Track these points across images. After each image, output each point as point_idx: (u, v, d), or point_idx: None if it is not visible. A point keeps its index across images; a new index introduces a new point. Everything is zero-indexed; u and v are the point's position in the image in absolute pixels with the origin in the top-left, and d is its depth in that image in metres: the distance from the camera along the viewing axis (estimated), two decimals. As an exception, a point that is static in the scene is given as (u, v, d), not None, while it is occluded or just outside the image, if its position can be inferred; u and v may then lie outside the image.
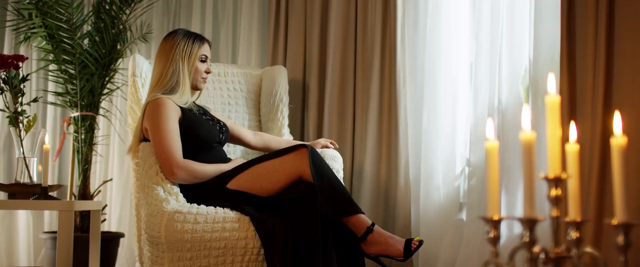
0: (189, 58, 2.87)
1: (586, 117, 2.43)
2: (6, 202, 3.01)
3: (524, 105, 1.39)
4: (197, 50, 2.89)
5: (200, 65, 2.91)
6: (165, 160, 2.70)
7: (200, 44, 2.91)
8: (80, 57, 3.75)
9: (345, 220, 2.63)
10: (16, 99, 3.13)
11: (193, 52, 2.88)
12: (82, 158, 3.79)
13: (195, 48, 2.89)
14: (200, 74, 2.92)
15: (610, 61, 2.37)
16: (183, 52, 2.86)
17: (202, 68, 2.92)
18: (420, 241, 2.61)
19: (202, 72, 2.92)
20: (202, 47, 2.92)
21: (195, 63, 2.89)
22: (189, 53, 2.87)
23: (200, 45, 2.91)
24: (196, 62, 2.89)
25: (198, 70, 2.91)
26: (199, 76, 2.92)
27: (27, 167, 3.08)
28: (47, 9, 3.74)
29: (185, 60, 2.87)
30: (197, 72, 2.91)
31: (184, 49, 2.87)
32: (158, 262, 2.62)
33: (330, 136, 3.57)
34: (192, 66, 2.89)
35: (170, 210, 2.60)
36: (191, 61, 2.88)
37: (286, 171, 2.72)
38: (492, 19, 3.03)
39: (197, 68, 2.90)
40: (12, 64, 3.07)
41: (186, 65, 2.87)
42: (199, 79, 2.92)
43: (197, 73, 2.91)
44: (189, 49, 2.88)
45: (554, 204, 1.43)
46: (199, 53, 2.90)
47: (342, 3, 3.61)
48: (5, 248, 4.34)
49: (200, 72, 2.92)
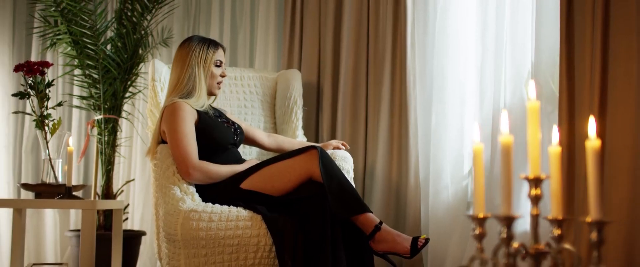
0: (205, 63, 2.99)
1: (583, 117, 2.51)
2: (32, 201, 3.15)
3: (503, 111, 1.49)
4: (212, 55, 3.01)
5: (216, 70, 3.03)
6: (182, 161, 2.82)
7: (214, 49, 3.03)
8: (103, 62, 3.89)
9: (354, 219, 2.70)
10: (42, 103, 3.26)
11: (208, 57, 3.00)
12: (105, 159, 3.93)
13: (210, 53, 3.01)
14: (215, 79, 3.03)
15: (606, 64, 2.45)
16: (198, 58, 2.99)
17: (217, 72, 3.03)
18: (426, 238, 2.68)
19: (217, 77, 3.04)
20: (216, 52, 3.03)
21: (210, 68, 3.01)
22: (204, 58, 2.99)
23: (214, 51, 3.03)
24: (211, 66, 3.01)
25: (213, 75, 3.02)
26: (215, 81, 3.03)
27: (52, 168, 3.22)
28: (72, 16, 3.88)
29: (200, 65, 2.99)
30: (212, 77, 3.02)
31: (199, 55, 2.99)
32: (175, 259, 2.74)
33: (343, 136, 3.67)
34: (207, 71, 3.00)
35: (186, 209, 2.71)
36: (207, 66, 3.00)
37: (297, 172, 2.81)
38: (497, 23, 3.12)
39: (213, 73, 3.02)
40: (38, 70, 3.22)
41: (202, 70, 2.99)
42: (214, 85, 3.04)
43: (213, 78, 3.03)
44: (204, 55, 3.00)
45: (534, 202, 1.53)
46: (214, 58, 3.02)
47: (355, 8, 3.71)
48: (34, 245, 4.50)
49: (215, 77, 3.03)
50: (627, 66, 2.38)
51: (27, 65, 3.22)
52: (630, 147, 2.35)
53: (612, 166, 2.41)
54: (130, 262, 3.85)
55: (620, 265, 2.31)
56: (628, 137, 2.35)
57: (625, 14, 2.39)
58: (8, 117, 4.59)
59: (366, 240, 2.71)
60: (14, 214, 3.30)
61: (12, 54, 4.65)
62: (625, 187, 2.35)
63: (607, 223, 1.43)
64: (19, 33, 4.70)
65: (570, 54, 2.62)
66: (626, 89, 2.38)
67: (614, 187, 2.39)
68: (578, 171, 2.52)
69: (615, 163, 2.40)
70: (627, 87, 2.38)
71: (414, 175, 3.43)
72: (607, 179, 2.40)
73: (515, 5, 3.07)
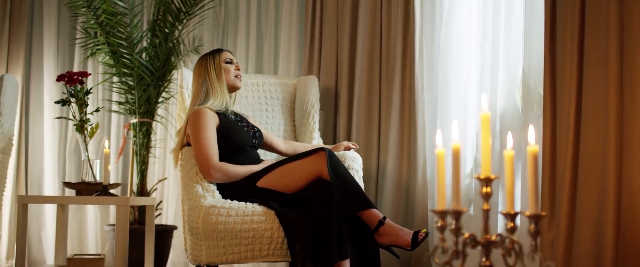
0: (215, 66, 3.28)
1: (563, 121, 2.72)
2: (73, 197, 3.44)
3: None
4: (219, 57, 3.31)
5: (228, 66, 3.31)
6: (204, 162, 3.06)
7: (219, 53, 3.33)
8: (137, 71, 4.16)
9: (359, 214, 2.87)
10: (81, 109, 3.53)
11: (216, 61, 3.30)
12: (140, 159, 4.20)
13: (216, 57, 3.31)
14: (230, 72, 3.31)
15: (581, 71, 2.64)
16: (209, 65, 3.28)
17: (231, 68, 3.32)
18: (426, 232, 2.83)
19: (232, 71, 3.31)
20: (222, 54, 3.33)
21: (221, 66, 3.29)
22: (213, 63, 3.29)
23: (220, 54, 3.33)
24: (222, 64, 3.29)
25: (227, 70, 3.30)
26: (231, 75, 3.30)
27: (91, 168, 3.49)
28: (110, 28, 4.16)
29: (211, 70, 3.27)
30: (227, 72, 3.30)
31: (208, 63, 3.29)
32: (197, 249, 2.97)
33: (358, 138, 3.92)
34: (219, 70, 3.27)
35: (207, 205, 2.95)
36: (217, 67, 3.28)
37: (307, 171, 3.01)
38: (493, 34, 3.37)
39: (226, 68, 3.30)
40: (77, 80, 3.51)
41: (214, 73, 3.26)
42: (231, 78, 3.31)
43: (228, 72, 3.30)
44: (212, 61, 3.30)
45: (485, 199, 1.77)
46: (222, 58, 3.31)
47: (369, 20, 3.97)
48: (77, 238, 4.75)
49: (229, 70, 3.31)
50: (598, 73, 2.58)
51: (67, 76, 3.49)
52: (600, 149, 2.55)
53: (584, 166, 2.60)
54: (162, 254, 4.10)
55: (590, 257, 2.52)
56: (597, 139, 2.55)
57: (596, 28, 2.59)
58: (53, 122, 4.81)
59: (371, 234, 2.87)
60: (58, 209, 3.61)
61: (57, 63, 4.88)
62: (596, 186, 2.55)
63: (542, 217, 1.66)
64: (63, 44, 4.92)
65: (552, 63, 2.82)
66: (596, 94, 2.59)
67: (586, 186, 2.58)
68: (559, 170, 2.73)
69: (587, 164, 2.59)
70: (597, 92, 2.58)
71: (422, 174, 3.67)
72: (581, 178, 2.60)
73: (509, 17, 3.31)
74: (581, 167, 2.60)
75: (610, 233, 2.39)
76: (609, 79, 2.46)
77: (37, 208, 4.70)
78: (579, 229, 2.54)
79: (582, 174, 2.58)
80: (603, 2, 2.52)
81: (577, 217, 2.58)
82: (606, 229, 2.41)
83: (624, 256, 2.39)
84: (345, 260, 2.79)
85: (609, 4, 2.48)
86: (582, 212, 2.55)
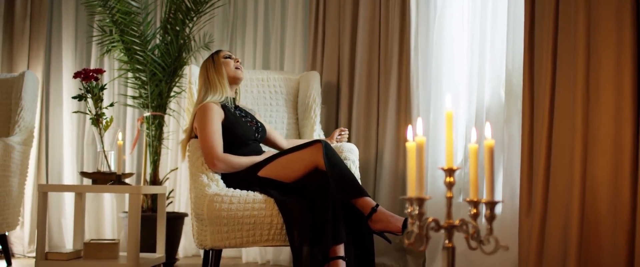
0: (214, 63, 3.48)
1: (539, 116, 2.89)
2: (89, 186, 3.61)
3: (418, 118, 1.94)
4: (217, 56, 3.50)
5: (227, 60, 3.49)
6: (208, 154, 3.22)
7: (217, 53, 3.52)
8: (150, 67, 4.32)
9: (353, 202, 2.98)
10: (97, 104, 3.71)
11: (215, 58, 3.49)
12: (152, 151, 4.36)
13: (215, 56, 3.51)
14: (230, 65, 3.49)
15: (554, 70, 2.80)
16: (209, 63, 3.48)
17: (230, 61, 3.50)
18: None
19: (231, 63, 3.49)
20: (220, 52, 3.52)
21: (221, 62, 3.47)
22: (213, 62, 3.48)
23: (218, 53, 3.52)
24: (222, 60, 3.48)
25: (227, 64, 3.48)
26: (231, 67, 3.48)
27: (106, 159, 3.67)
28: (124, 26, 4.32)
29: (211, 67, 3.47)
30: (227, 65, 3.48)
31: (209, 61, 3.50)
32: (203, 235, 3.11)
33: (358, 130, 4.09)
34: (219, 66, 3.46)
35: (211, 193, 3.08)
36: (217, 64, 3.47)
37: (305, 162, 3.14)
38: (481, 33, 3.55)
39: (226, 62, 3.48)
40: (92, 76, 3.71)
41: (213, 69, 3.45)
42: (232, 69, 3.48)
43: (228, 65, 3.48)
44: (212, 59, 3.50)
45: (448, 187, 1.96)
46: (221, 56, 3.50)
47: (368, 20, 4.15)
48: (95, 224, 4.94)
49: (229, 63, 3.49)
50: (568, 73, 2.75)
51: (84, 72, 3.68)
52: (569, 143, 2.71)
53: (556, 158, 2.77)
54: (174, 240, 4.27)
55: (559, 242, 2.70)
56: (568, 134, 2.72)
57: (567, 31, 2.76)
58: (71, 115, 4.97)
59: (365, 220, 2.98)
60: (76, 197, 3.81)
61: (75, 59, 5.05)
62: (564, 178, 2.72)
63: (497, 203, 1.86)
64: (81, 41, 5.08)
65: (531, 62, 2.98)
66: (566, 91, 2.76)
67: (557, 177, 2.76)
68: (535, 162, 2.90)
69: (558, 156, 2.76)
70: (567, 89, 2.74)
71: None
72: (552, 170, 2.77)
73: (495, 19, 3.49)
74: (553, 159, 2.74)
75: (575, 222, 2.53)
76: (576, 78, 2.63)
77: (57, 197, 4.87)
78: (551, 217, 2.71)
79: (554, 166, 2.73)
80: (573, 9, 2.69)
81: (549, 207, 2.74)
82: (572, 218, 2.57)
83: (588, 244, 2.55)
84: (340, 244, 2.90)
85: (578, 11, 2.65)
86: (554, 202, 2.72)
